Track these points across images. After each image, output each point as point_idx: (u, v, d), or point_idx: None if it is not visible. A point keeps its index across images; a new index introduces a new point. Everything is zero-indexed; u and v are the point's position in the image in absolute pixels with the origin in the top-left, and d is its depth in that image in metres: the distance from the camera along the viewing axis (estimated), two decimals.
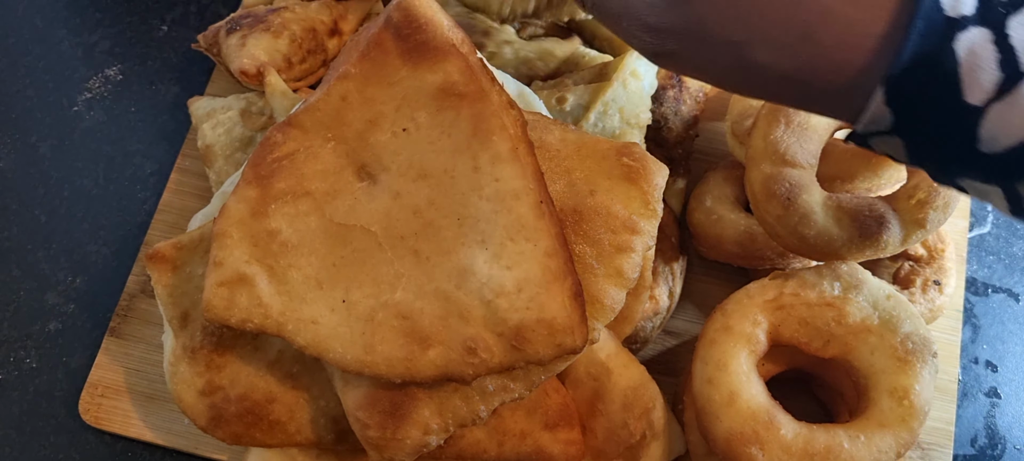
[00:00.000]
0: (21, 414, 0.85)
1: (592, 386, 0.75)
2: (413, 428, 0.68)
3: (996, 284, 0.90)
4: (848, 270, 0.74)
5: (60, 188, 0.95)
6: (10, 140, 0.98)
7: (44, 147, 0.98)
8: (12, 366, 0.87)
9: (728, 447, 0.70)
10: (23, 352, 0.88)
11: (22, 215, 0.94)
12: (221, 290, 0.67)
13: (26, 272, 0.91)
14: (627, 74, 0.80)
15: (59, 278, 0.91)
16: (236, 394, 0.72)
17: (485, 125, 0.65)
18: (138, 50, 1.03)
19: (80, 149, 0.98)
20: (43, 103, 1.00)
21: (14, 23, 1.05)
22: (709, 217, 0.84)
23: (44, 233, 0.93)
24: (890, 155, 0.55)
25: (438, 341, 0.64)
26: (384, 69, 0.66)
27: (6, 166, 0.97)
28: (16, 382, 0.86)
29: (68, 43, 1.03)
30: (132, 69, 1.02)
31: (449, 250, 0.65)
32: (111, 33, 1.04)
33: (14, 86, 1.01)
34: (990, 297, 0.90)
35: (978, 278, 0.91)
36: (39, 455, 0.84)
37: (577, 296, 0.65)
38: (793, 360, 0.78)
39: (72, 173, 0.96)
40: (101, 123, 0.99)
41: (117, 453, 0.83)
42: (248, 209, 0.67)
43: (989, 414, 0.85)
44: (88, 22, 1.05)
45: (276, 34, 0.85)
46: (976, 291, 0.90)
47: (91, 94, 1.00)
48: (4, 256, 0.92)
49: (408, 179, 0.66)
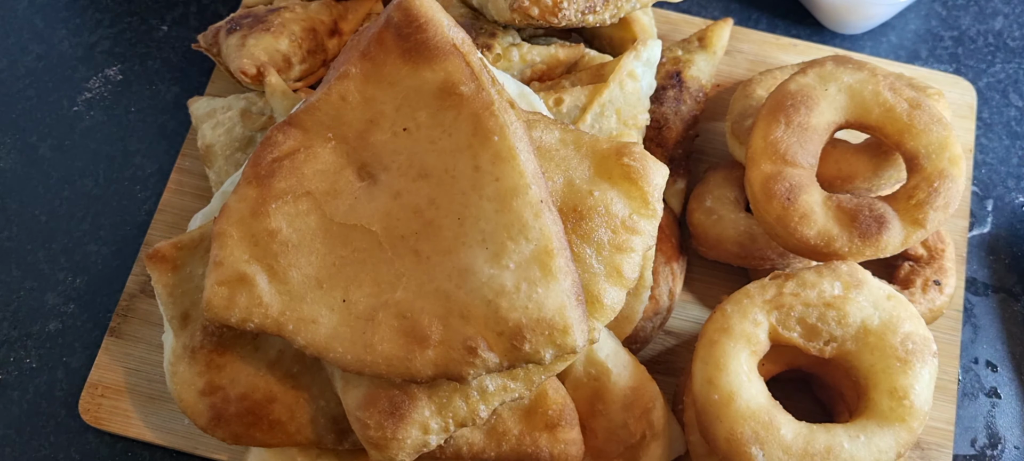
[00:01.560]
0: (21, 414, 0.85)
1: (592, 386, 0.75)
2: (413, 428, 0.68)
3: (996, 284, 0.90)
4: (848, 270, 0.74)
5: (60, 188, 0.95)
6: (10, 140, 0.98)
7: (44, 147, 0.98)
8: (12, 366, 0.87)
9: (728, 447, 0.70)
10: (23, 352, 0.88)
11: (22, 215, 0.94)
12: (221, 289, 0.67)
13: (26, 272, 0.91)
14: (624, 75, 0.80)
15: (59, 278, 0.91)
16: (236, 394, 0.72)
17: (485, 125, 0.65)
18: (138, 50, 1.03)
19: (80, 149, 0.98)
20: (43, 103, 1.00)
21: (14, 23, 1.05)
22: (709, 217, 0.84)
23: (44, 233, 0.93)
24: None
25: (438, 340, 0.64)
26: (384, 69, 0.66)
27: (6, 166, 0.97)
28: (16, 382, 0.86)
29: (68, 43, 1.04)
30: (132, 69, 1.02)
31: (450, 249, 0.65)
32: (111, 33, 1.04)
33: (14, 86, 1.01)
34: (990, 297, 0.90)
35: (978, 278, 0.91)
36: (39, 455, 0.84)
37: (577, 296, 0.65)
38: (793, 360, 0.78)
39: (72, 173, 0.96)
40: (101, 123, 0.99)
41: (117, 453, 0.83)
42: (248, 208, 0.67)
43: (989, 414, 0.85)
44: (88, 22, 1.05)
45: (276, 34, 0.85)
46: (976, 291, 0.90)
47: (91, 94, 1.01)
48: (4, 256, 0.92)
49: (408, 178, 0.66)
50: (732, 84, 0.96)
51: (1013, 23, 1.04)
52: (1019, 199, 0.95)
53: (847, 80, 0.78)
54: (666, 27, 0.98)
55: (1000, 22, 1.04)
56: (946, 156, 0.76)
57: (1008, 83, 1.00)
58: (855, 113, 0.78)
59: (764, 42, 0.99)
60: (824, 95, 0.78)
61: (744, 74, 0.97)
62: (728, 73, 0.97)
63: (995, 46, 1.03)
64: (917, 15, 1.05)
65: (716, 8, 1.05)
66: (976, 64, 1.02)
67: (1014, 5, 1.06)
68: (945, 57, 1.02)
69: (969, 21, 1.05)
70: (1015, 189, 0.95)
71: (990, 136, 0.98)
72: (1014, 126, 0.99)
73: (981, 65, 1.02)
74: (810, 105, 0.78)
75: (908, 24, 1.04)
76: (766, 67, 0.96)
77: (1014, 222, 0.93)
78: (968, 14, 1.05)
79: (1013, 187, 0.95)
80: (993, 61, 1.02)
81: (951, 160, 0.76)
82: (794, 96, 0.78)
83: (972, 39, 1.04)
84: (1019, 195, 0.95)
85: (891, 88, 0.77)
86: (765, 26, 1.04)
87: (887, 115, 0.77)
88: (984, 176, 0.96)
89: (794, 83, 0.79)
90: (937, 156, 0.76)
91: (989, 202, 0.95)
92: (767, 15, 1.05)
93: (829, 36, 1.03)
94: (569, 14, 0.79)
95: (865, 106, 0.78)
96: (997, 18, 1.05)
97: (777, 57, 0.98)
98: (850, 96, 0.78)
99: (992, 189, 0.95)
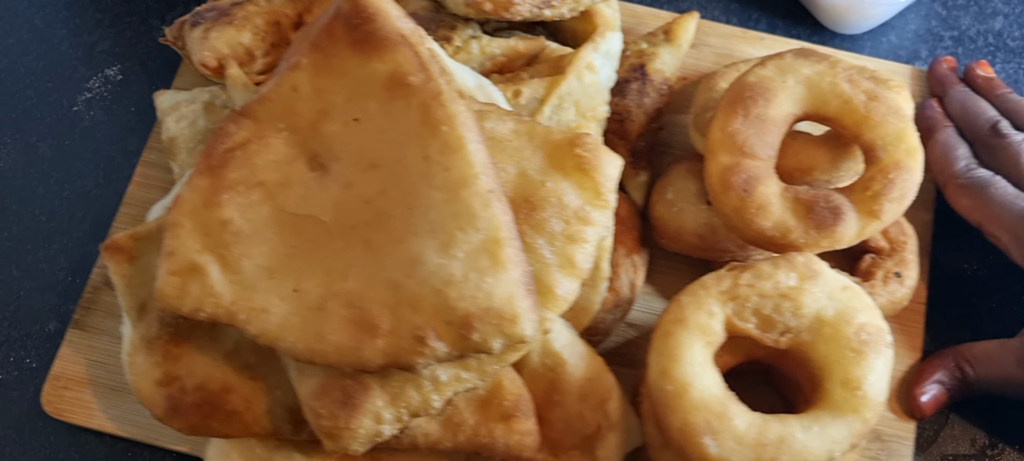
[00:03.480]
0: (21, 414, 0.85)
1: (548, 377, 0.76)
2: (366, 418, 0.68)
3: (996, 284, 0.90)
4: (804, 261, 0.74)
5: (60, 188, 0.95)
6: (10, 140, 0.98)
7: (44, 147, 0.98)
8: (12, 366, 0.87)
9: (681, 438, 0.70)
10: (23, 352, 0.88)
11: (22, 215, 0.94)
12: (173, 279, 0.67)
13: (26, 272, 0.91)
14: (582, 67, 0.80)
15: (59, 278, 0.91)
16: (193, 384, 0.73)
17: (434, 115, 0.65)
18: (138, 50, 1.03)
19: (80, 149, 0.98)
20: (43, 103, 1.00)
21: (14, 23, 1.05)
22: (670, 209, 0.85)
23: (44, 233, 0.93)
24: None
25: (388, 330, 0.65)
26: (334, 59, 0.67)
27: (6, 166, 0.97)
28: (16, 382, 0.86)
29: (68, 43, 1.04)
30: (132, 69, 1.02)
31: (399, 239, 0.65)
32: (111, 33, 1.04)
33: (14, 86, 1.01)
34: (990, 297, 0.90)
35: (978, 278, 0.90)
36: (39, 455, 0.84)
37: (527, 285, 0.65)
38: (751, 352, 0.78)
39: (72, 173, 0.96)
40: (101, 123, 0.99)
41: (118, 453, 0.84)
42: (200, 199, 0.68)
43: (989, 414, 0.85)
44: (88, 22, 1.05)
45: (239, 27, 0.85)
46: (976, 291, 0.90)
47: (91, 94, 1.01)
48: (4, 256, 0.92)
49: (359, 169, 0.67)
50: (698, 77, 0.96)
51: (1013, 23, 1.04)
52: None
53: (805, 72, 0.78)
54: (632, 21, 0.98)
55: (1000, 22, 1.04)
56: (903, 148, 0.76)
57: (1008, 83, 0.99)
58: (813, 105, 0.78)
59: (731, 35, 0.99)
60: (782, 87, 0.78)
61: (711, 67, 0.97)
62: (694, 66, 0.97)
63: (995, 46, 1.03)
64: (917, 15, 1.04)
65: (716, 8, 1.05)
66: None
67: (1014, 5, 1.05)
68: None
69: (969, 21, 1.04)
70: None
71: None
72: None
73: None
74: (768, 97, 0.78)
75: (908, 24, 1.04)
76: (732, 61, 0.96)
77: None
78: (968, 14, 1.05)
79: None
80: (993, 61, 1.02)
81: (908, 152, 0.76)
82: (752, 88, 0.78)
83: (972, 39, 1.03)
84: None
85: (849, 80, 0.77)
86: (765, 26, 1.03)
87: (844, 107, 0.77)
88: None
89: (753, 75, 0.79)
90: (894, 148, 0.76)
91: None
92: (767, 15, 1.04)
93: (829, 36, 1.03)
94: (522, 10, 0.79)
95: (823, 98, 0.78)
96: (997, 18, 1.04)
97: (744, 51, 0.98)
98: (808, 88, 0.78)
99: None
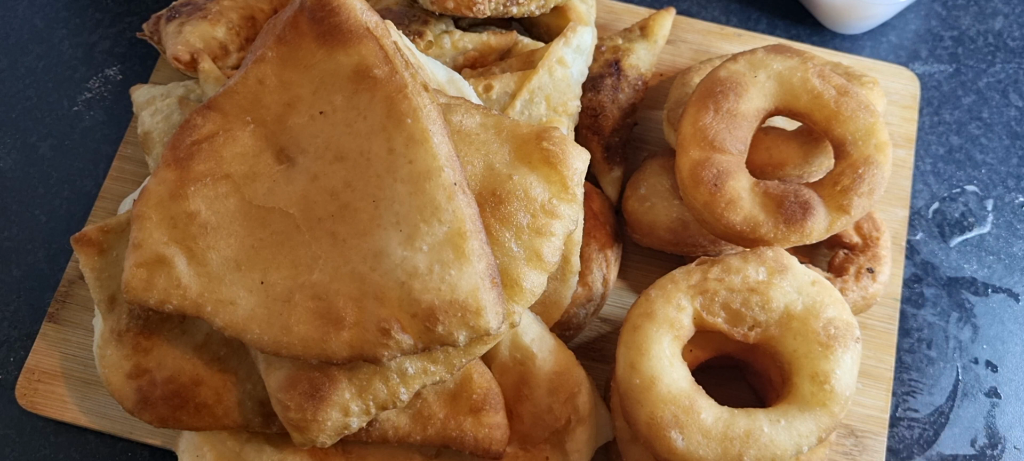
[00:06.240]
0: (21, 414, 0.85)
1: (518, 371, 0.76)
2: (333, 410, 0.68)
3: (996, 284, 0.90)
4: (773, 256, 0.74)
5: (60, 188, 0.96)
6: (10, 140, 0.98)
7: (44, 147, 0.98)
8: (12, 366, 0.87)
9: (649, 431, 0.70)
10: (23, 352, 0.88)
11: (22, 215, 0.94)
12: (140, 271, 0.67)
13: (26, 272, 0.91)
14: (553, 62, 0.80)
15: (59, 278, 0.91)
16: (163, 377, 0.73)
17: (399, 108, 0.65)
18: (138, 50, 1.03)
19: (80, 149, 0.98)
20: (43, 103, 1.00)
21: (14, 23, 1.05)
22: (643, 204, 0.85)
23: (44, 233, 0.93)
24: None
25: (353, 322, 0.65)
26: (300, 52, 0.67)
27: (6, 166, 0.97)
28: (16, 382, 0.86)
29: (68, 43, 1.04)
30: (132, 69, 1.02)
31: (365, 232, 0.65)
32: (111, 33, 1.04)
33: (14, 86, 1.01)
34: (990, 297, 0.90)
35: (978, 278, 0.90)
36: (39, 455, 0.84)
37: (492, 278, 0.65)
38: (722, 347, 0.78)
39: (72, 173, 0.96)
40: (101, 123, 0.99)
41: (117, 453, 0.84)
42: (167, 191, 0.68)
43: (989, 414, 0.85)
44: (88, 22, 1.05)
45: (213, 22, 0.85)
46: (976, 291, 0.90)
47: (91, 94, 1.01)
48: (4, 256, 0.92)
49: (325, 161, 0.67)
50: (674, 73, 0.97)
51: (1013, 23, 1.04)
52: (1019, 199, 0.94)
53: (777, 67, 0.78)
54: (609, 17, 0.98)
55: (1000, 22, 1.04)
56: (872, 143, 0.76)
57: (1008, 83, 1.00)
58: (784, 100, 0.78)
59: (708, 32, 0.99)
60: (753, 82, 0.78)
61: (688, 63, 0.97)
62: (671, 62, 0.97)
63: (995, 46, 1.03)
64: (917, 15, 1.04)
65: (716, 8, 1.05)
66: (976, 64, 1.02)
67: (1014, 5, 1.05)
68: (945, 57, 1.02)
69: (969, 21, 1.04)
70: (1015, 189, 0.95)
71: (990, 136, 0.98)
72: (1014, 126, 0.98)
73: (981, 65, 1.02)
74: (739, 92, 0.78)
75: (908, 24, 1.04)
76: (709, 57, 0.97)
77: (1014, 222, 0.93)
78: (968, 14, 1.05)
79: (1013, 187, 0.95)
80: (993, 61, 1.02)
81: (877, 147, 0.76)
82: (723, 83, 0.78)
83: (972, 39, 1.03)
84: (1019, 195, 0.95)
85: (819, 75, 0.77)
86: (765, 26, 1.04)
87: (815, 102, 0.77)
88: (984, 176, 0.96)
89: (724, 70, 0.79)
90: (863, 143, 0.76)
91: (989, 202, 0.94)
92: (767, 15, 1.04)
93: (829, 36, 1.03)
94: (484, 9, 0.80)
95: (794, 93, 0.78)
96: (997, 18, 1.04)
97: (721, 47, 0.98)
98: (779, 83, 0.78)
99: (992, 189, 0.95)
